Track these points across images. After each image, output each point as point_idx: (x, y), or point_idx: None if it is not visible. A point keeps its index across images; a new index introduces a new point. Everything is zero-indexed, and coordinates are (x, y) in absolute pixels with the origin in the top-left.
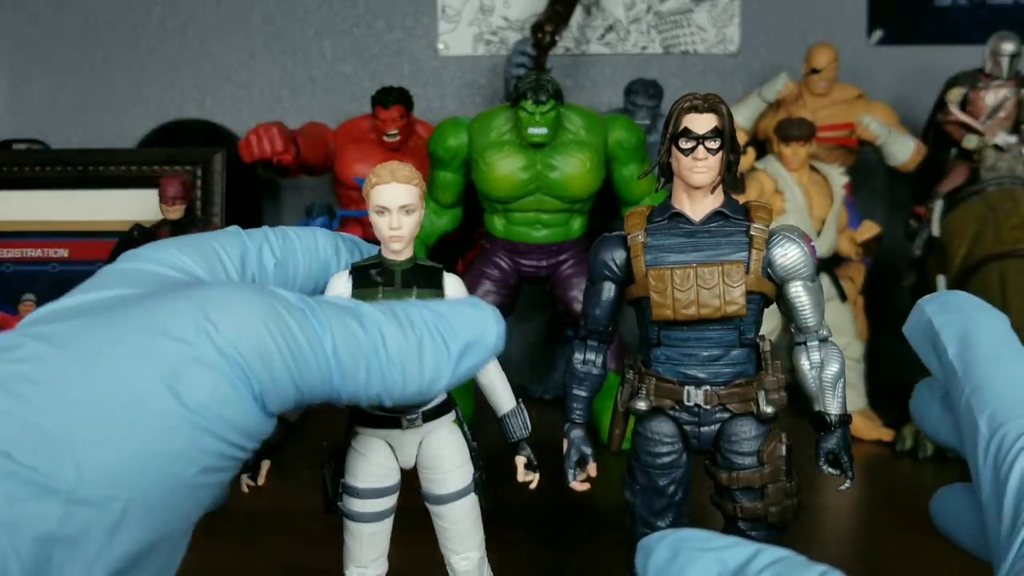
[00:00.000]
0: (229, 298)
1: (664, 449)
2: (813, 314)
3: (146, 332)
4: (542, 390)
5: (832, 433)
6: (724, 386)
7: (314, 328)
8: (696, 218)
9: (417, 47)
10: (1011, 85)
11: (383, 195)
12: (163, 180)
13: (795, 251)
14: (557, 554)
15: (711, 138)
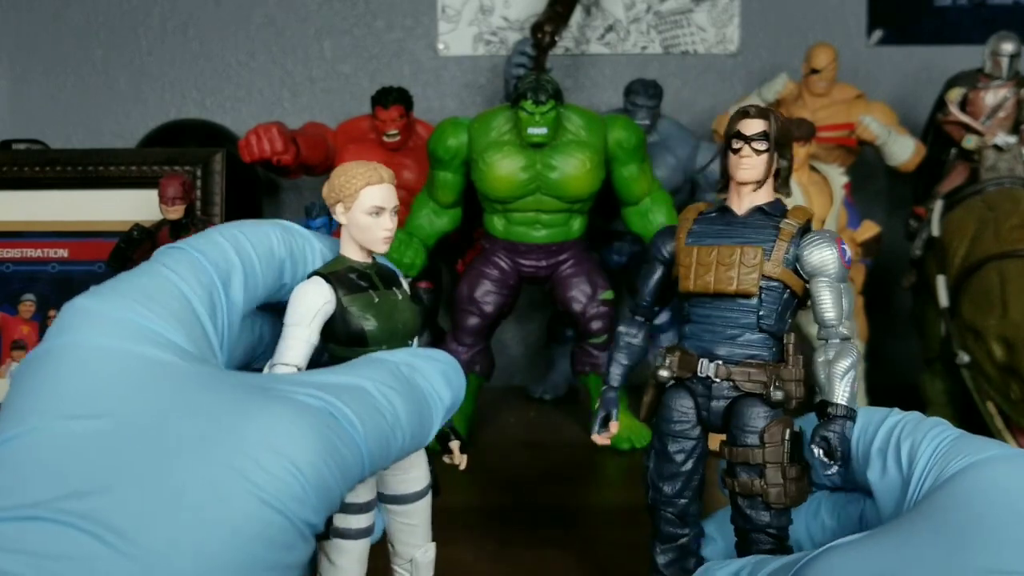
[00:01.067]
0: (281, 443)
1: (678, 417)
2: (832, 311)
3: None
4: (542, 390)
5: (832, 420)
6: (736, 364)
7: (353, 438)
8: (740, 212)
9: (417, 47)
10: (1011, 85)
11: (379, 195)
12: (163, 180)
13: (825, 250)
14: (557, 554)
15: (758, 139)
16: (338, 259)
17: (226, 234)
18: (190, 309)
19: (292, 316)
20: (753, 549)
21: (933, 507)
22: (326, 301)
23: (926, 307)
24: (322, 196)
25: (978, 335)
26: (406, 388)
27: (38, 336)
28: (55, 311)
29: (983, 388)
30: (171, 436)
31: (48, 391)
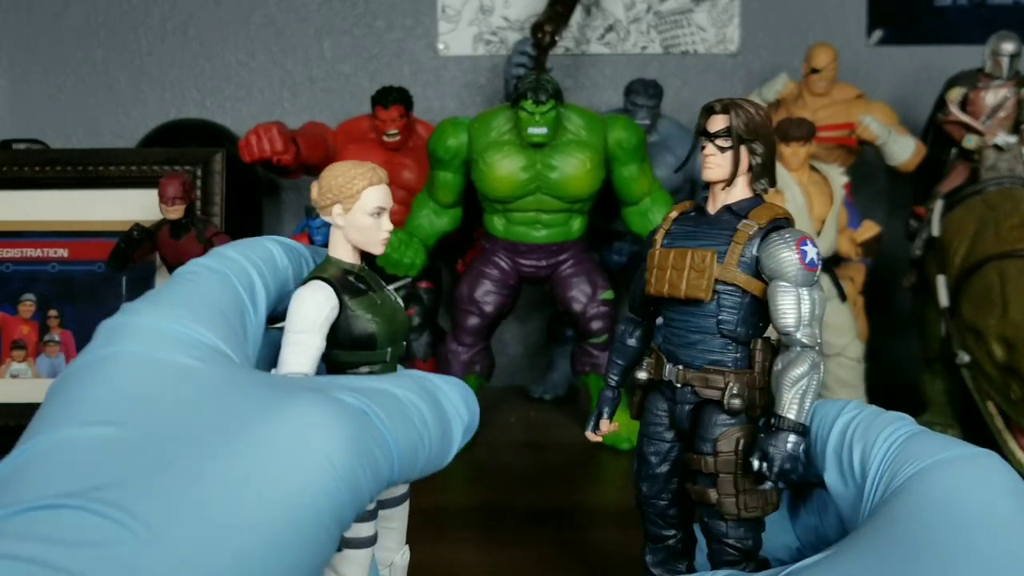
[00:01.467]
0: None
1: (653, 420)
2: (788, 316)
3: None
4: (542, 390)
5: (774, 434)
6: (696, 369)
7: (386, 439)
8: (712, 211)
9: (417, 47)
10: (1011, 85)
11: (380, 196)
12: (163, 180)
13: (783, 252)
14: (556, 554)
15: (722, 136)
16: (330, 262)
17: (238, 250)
18: (225, 315)
19: (298, 323)
20: (718, 560)
21: (885, 521)
22: (332, 306)
23: (926, 307)
24: (313, 197)
25: (978, 335)
26: (431, 400)
27: (38, 336)
28: (55, 311)
29: (983, 388)
30: (200, 436)
31: (76, 401)
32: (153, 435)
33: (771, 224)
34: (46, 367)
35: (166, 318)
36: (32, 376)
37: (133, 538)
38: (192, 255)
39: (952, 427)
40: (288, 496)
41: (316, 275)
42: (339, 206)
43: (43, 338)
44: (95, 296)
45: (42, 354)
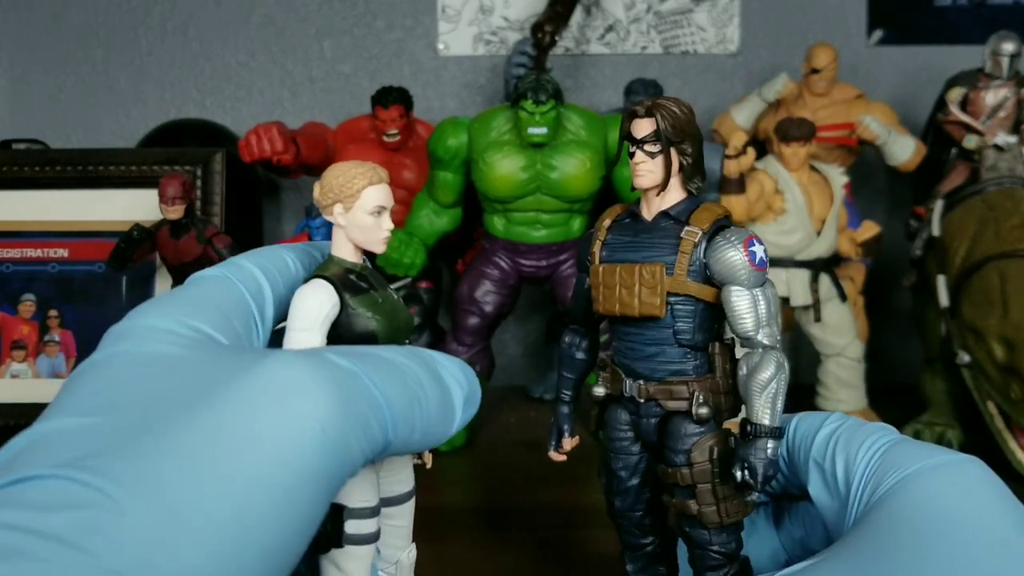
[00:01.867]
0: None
1: (617, 435)
2: (746, 320)
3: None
4: (542, 390)
5: (751, 441)
6: (657, 382)
7: (377, 398)
8: (648, 218)
9: (417, 47)
10: (1011, 85)
11: (381, 195)
12: (163, 180)
13: (730, 254)
14: (556, 554)
15: (649, 142)
16: (332, 261)
17: (249, 258)
18: (225, 314)
19: (299, 321)
20: (701, 565)
21: (869, 529)
22: (333, 304)
23: (926, 307)
24: (315, 197)
25: (978, 335)
26: (426, 365)
27: (38, 336)
28: (55, 311)
29: (983, 388)
30: (179, 401)
31: (69, 397)
32: (134, 411)
33: (714, 227)
34: (46, 367)
35: (163, 316)
36: (32, 376)
37: (109, 501)
38: (192, 255)
39: (952, 427)
40: (269, 454)
41: (318, 274)
42: (340, 205)
43: (43, 338)
44: (95, 296)
45: (42, 354)
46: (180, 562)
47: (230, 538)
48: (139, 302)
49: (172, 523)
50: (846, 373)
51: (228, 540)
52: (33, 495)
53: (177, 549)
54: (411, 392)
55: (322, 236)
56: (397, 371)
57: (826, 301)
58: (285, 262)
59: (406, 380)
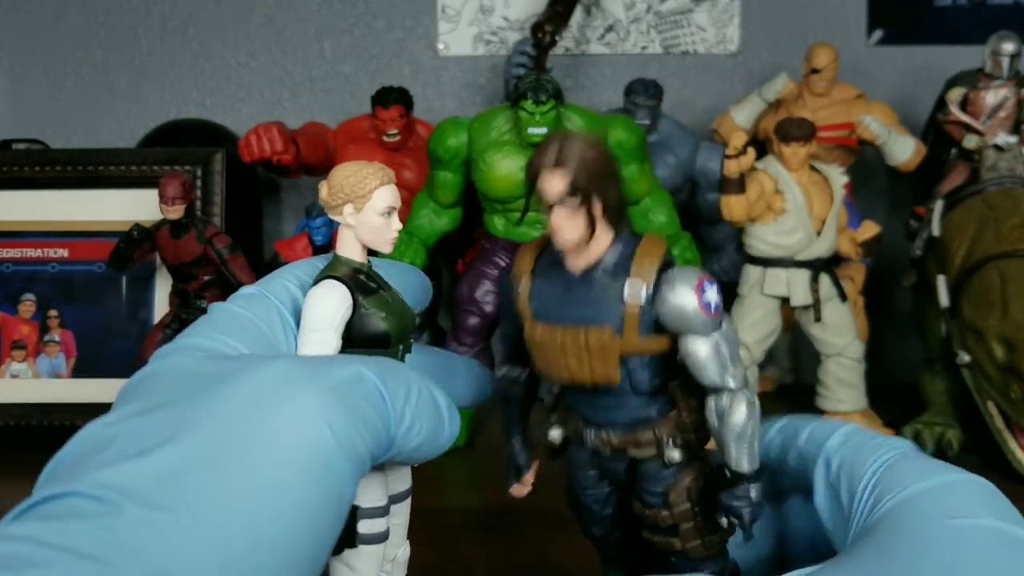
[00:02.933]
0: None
1: (582, 474)
2: (709, 367)
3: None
4: (542, 390)
5: (735, 487)
6: (620, 431)
7: (379, 391)
8: (576, 272)
9: (417, 47)
10: (1011, 85)
11: (391, 196)
12: (163, 180)
13: (681, 306)
14: (556, 554)
15: (567, 199)
16: (339, 261)
17: (284, 274)
18: (260, 329)
19: (314, 322)
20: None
21: (872, 542)
22: (348, 305)
23: (926, 307)
24: (323, 197)
25: (979, 335)
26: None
27: (38, 336)
28: (55, 311)
29: (983, 388)
30: (186, 416)
31: (112, 410)
32: (152, 421)
33: (658, 274)
34: (46, 367)
35: (202, 335)
36: (32, 376)
37: (123, 511)
38: (192, 255)
39: (952, 427)
40: (278, 456)
41: (328, 275)
42: (351, 205)
43: (43, 338)
44: (95, 296)
45: (42, 354)
46: (195, 569)
47: (244, 542)
48: (139, 302)
49: (183, 530)
50: (846, 373)
51: (242, 544)
52: (51, 509)
53: (192, 556)
54: (410, 389)
55: (322, 236)
56: (393, 367)
57: (826, 301)
58: (317, 270)
59: (404, 377)
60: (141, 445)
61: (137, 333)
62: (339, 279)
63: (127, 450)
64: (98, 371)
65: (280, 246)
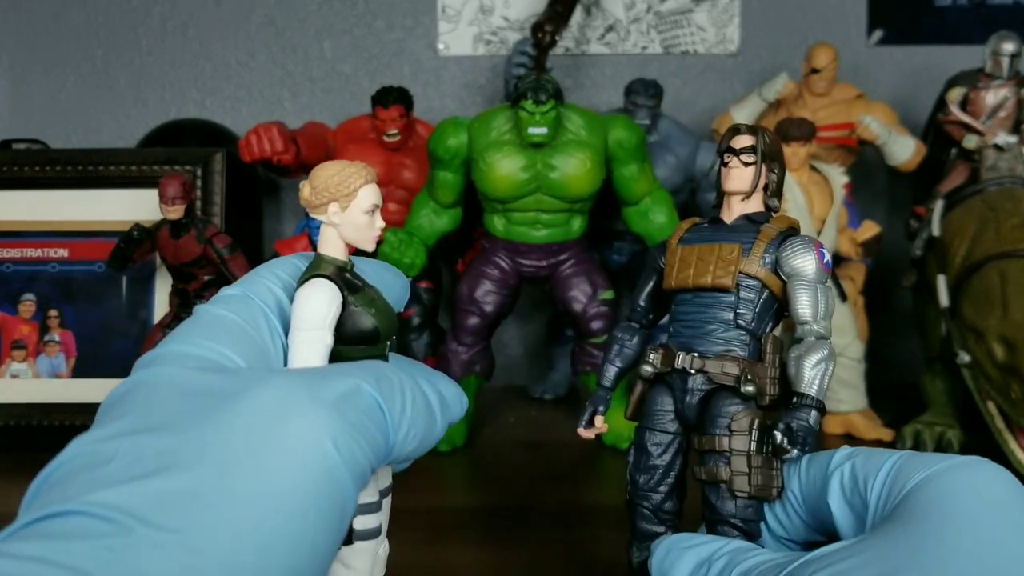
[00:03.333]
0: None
1: (657, 412)
2: (808, 309)
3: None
4: (542, 390)
5: (796, 408)
6: (711, 358)
7: (377, 407)
8: (728, 220)
9: (417, 47)
10: (1011, 85)
11: (375, 194)
12: (163, 180)
13: (804, 254)
14: (556, 554)
15: (745, 152)
16: (322, 260)
17: (265, 274)
18: (246, 332)
19: (306, 321)
20: None
21: (895, 522)
22: (338, 303)
23: (926, 307)
24: (305, 197)
25: (979, 335)
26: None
27: (38, 336)
28: (55, 311)
29: (983, 388)
30: (190, 433)
31: (97, 422)
32: (150, 438)
33: (788, 230)
34: (46, 367)
35: (187, 341)
36: (32, 376)
37: (127, 531)
38: (192, 255)
39: (952, 427)
40: (281, 475)
41: (316, 273)
42: (336, 204)
43: (43, 338)
44: (95, 296)
45: (42, 354)
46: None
47: (249, 563)
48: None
49: (190, 552)
50: (846, 373)
51: (247, 565)
52: (54, 528)
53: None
54: (405, 397)
55: None
56: (386, 376)
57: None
58: (299, 269)
59: (398, 385)
60: (145, 467)
61: (137, 333)
62: (328, 277)
63: (130, 471)
64: (98, 371)
65: (280, 246)
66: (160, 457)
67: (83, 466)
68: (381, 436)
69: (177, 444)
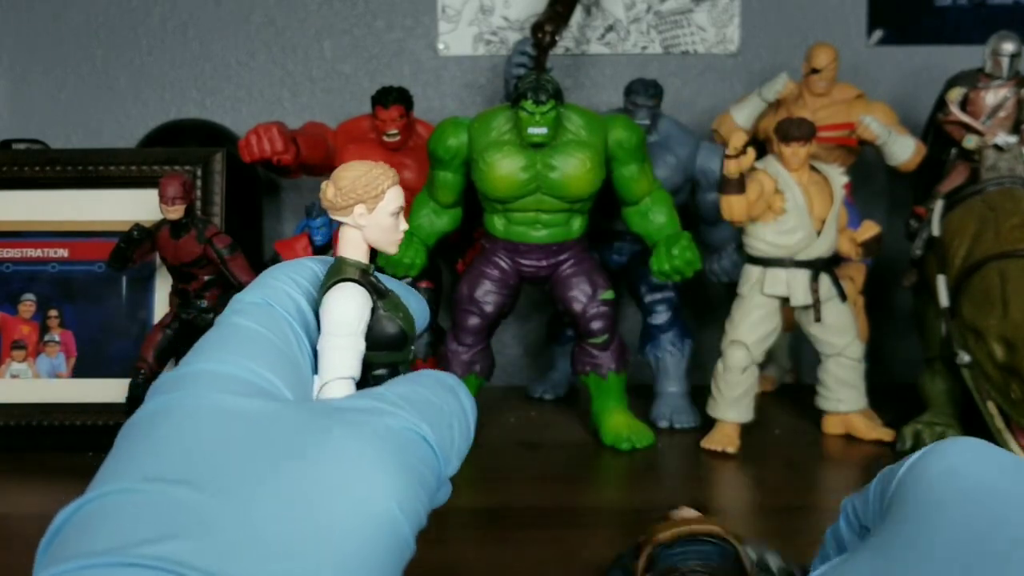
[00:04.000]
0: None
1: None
2: None
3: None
4: (542, 390)
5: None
6: None
7: (432, 454)
8: None
9: (417, 47)
10: (1011, 85)
11: (400, 196)
12: (163, 180)
13: None
14: (556, 554)
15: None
16: (345, 263)
17: (280, 275)
18: (276, 346)
19: (337, 327)
20: None
21: (892, 519)
22: (369, 308)
23: (926, 307)
24: (328, 198)
25: (979, 335)
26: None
27: (38, 336)
28: (55, 311)
29: (983, 388)
30: (253, 489)
31: (135, 454)
32: (201, 481)
33: None
34: (46, 367)
35: (220, 360)
36: (32, 376)
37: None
38: (192, 255)
39: (952, 427)
40: (350, 540)
41: (343, 277)
42: (362, 206)
43: (43, 338)
44: (95, 296)
45: (42, 354)
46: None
47: None
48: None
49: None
50: (846, 373)
51: None
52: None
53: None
54: (452, 437)
55: (322, 236)
56: (444, 419)
57: (826, 301)
58: (314, 273)
59: (452, 427)
60: (202, 520)
61: (137, 333)
62: (356, 281)
63: (183, 523)
64: (98, 371)
65: (280, 246)
66: (217, 513)
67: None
68: (435, 480)
69: (235, 497)
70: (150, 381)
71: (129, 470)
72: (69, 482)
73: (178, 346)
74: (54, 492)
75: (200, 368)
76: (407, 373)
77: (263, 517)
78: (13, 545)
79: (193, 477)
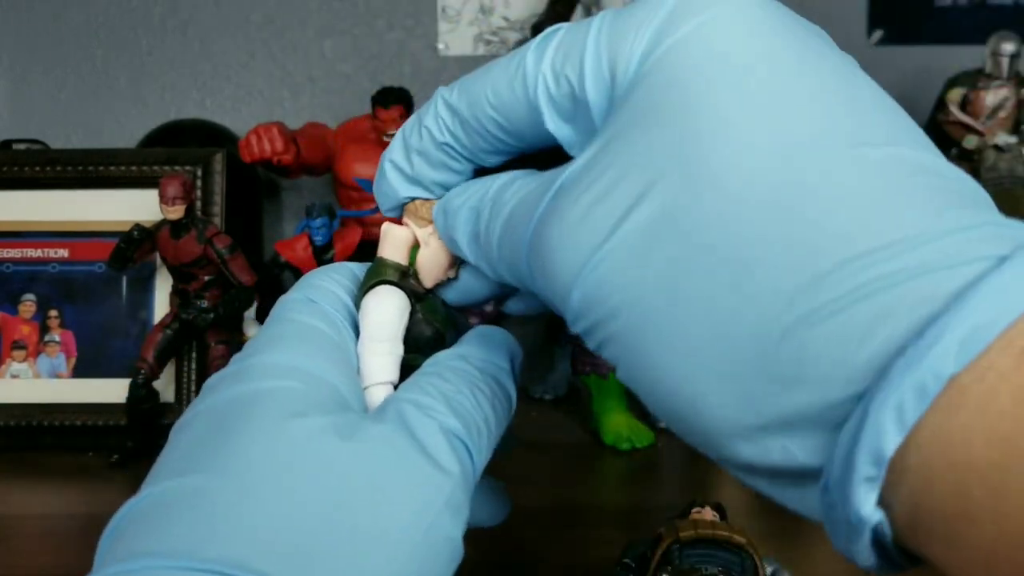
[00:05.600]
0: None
1: None
2: None
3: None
4: (542, 390)
5: None
6: None
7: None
8: None
9: (417, 47)
10: (1011, 85)
11: None
12: (163, 180)
13: None
14: (556, 554)
15: None
16: (385, 264)
17: (327, 281)
18: (335, 343)
19: (377, 331)
20: None
21: (639, 112)
22: (407, 311)
23: None
24: (418, 203)
25: None
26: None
27: (38, 336)
28: (55, 311)
29: None
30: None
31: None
32: (266, 487)
33: None
34: (46, 367)
35: (281, 351)
36: (32, 376)
37: None
38: (192, 255)
39: None
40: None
41: (383, 279)
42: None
43: (43, 338)
44: (95, 296)
45: (42, 354)
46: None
47: None
48: (139, 302)
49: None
50: None
51: None
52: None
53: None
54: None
55: (322, 236)
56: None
57: None
58: (355, 275)
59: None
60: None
61: (137, 333)
62: (396, 284)
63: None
64: (98, 371)
65: (280, 246)
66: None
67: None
68: (473, 477)
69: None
70: (150, 381)
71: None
72: (69, 482)
73: (178, 346)
74: (54, 492)
75: (258, 360)
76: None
77: (316, 520)
78: (13, 545)
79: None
